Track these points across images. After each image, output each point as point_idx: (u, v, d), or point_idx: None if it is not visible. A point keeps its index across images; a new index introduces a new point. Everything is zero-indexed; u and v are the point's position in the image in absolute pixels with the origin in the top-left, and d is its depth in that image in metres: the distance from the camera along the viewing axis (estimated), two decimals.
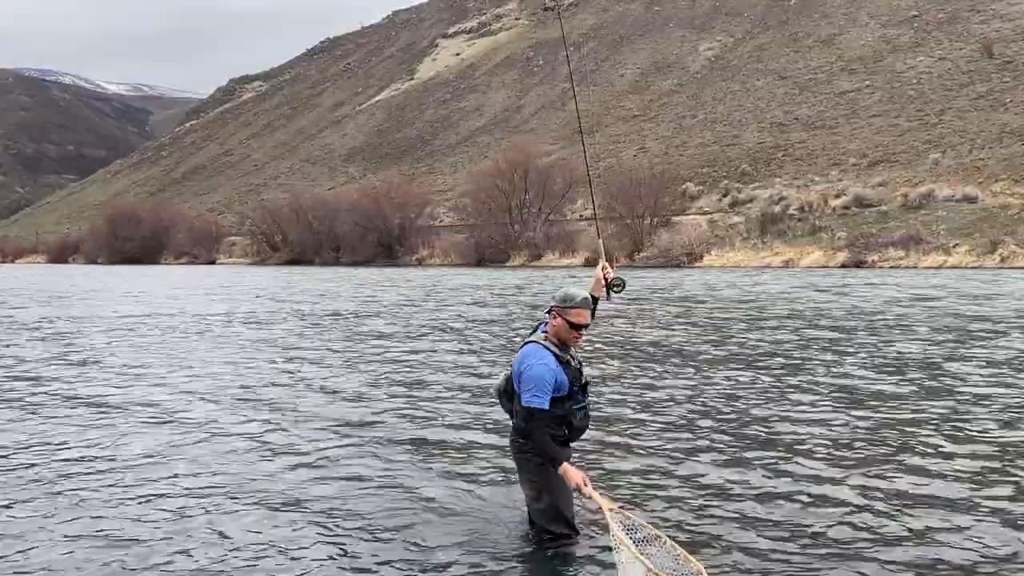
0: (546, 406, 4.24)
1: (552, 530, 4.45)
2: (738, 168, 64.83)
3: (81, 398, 8.89)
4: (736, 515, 4.94)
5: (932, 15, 78.68)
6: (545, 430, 4.28)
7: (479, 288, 29.11)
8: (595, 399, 7.88)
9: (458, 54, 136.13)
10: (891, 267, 38.04)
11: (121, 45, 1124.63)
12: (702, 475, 5.72)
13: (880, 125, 63.60)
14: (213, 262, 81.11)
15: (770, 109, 74.97)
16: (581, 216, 62.17)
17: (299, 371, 10.62)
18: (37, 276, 52.12)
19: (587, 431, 4.75)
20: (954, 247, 39.18)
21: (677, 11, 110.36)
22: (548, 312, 4.52)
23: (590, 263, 50.47)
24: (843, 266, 40.00)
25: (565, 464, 4.23)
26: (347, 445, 6.69)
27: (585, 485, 4.14)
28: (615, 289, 4.82)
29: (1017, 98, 58.41)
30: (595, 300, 4.69)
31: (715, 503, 5.16)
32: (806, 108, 72.17)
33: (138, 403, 8.57)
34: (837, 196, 51.67)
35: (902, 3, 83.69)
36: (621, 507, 4.20)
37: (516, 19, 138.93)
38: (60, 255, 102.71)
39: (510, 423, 4.68)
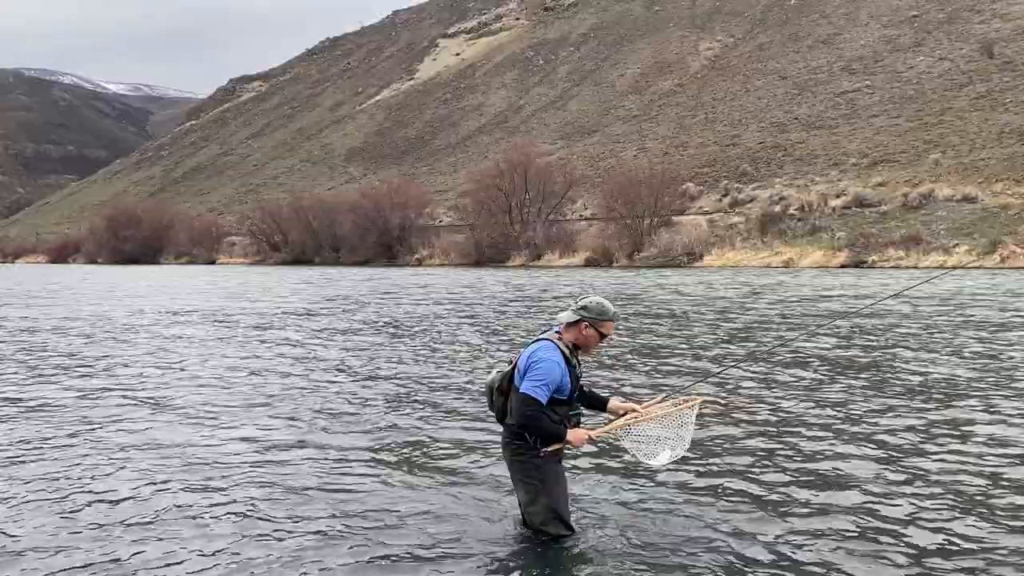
0: (544, 400, 4.25)
1: (549, 531, 4.41)
2: (738, 168, 64.81)
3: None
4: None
5: (932, 15, 78.65)
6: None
7: (477, 288, 29.09)
8: None
9: (458, 54, 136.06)
10: (891, 267, 38.00)
11: (121, 45, 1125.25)
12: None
13: (880, 125, 63.56)
14: (213, 262, 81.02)
15: (770, 109, 74.96)
16: (581, 216, 62.20)
17: (286, 371, 10.61)
18: (34, 277, 52.01)
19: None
20: (954, 247, 39.18)
21: (677, 11, 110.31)
22: (575, 323, 4.44)
23: (590, 263, 50.48)
24: (843, 266, 39.95)
25: (568, 430, 4.34)
26: (333, 447, 6.60)
27: (593, 437, 4.44)
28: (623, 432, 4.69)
29: (1017, 98, 58.36)
30: (601, 403, 4.67)
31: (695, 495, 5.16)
32: (806, 108, 72.15)
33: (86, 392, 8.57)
34: (837, 196, 51.65)
35: (902, 3, 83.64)
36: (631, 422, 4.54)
37: (516, 19, 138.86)
38: (60, 255, 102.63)
39: (498, 423, 4.64)
